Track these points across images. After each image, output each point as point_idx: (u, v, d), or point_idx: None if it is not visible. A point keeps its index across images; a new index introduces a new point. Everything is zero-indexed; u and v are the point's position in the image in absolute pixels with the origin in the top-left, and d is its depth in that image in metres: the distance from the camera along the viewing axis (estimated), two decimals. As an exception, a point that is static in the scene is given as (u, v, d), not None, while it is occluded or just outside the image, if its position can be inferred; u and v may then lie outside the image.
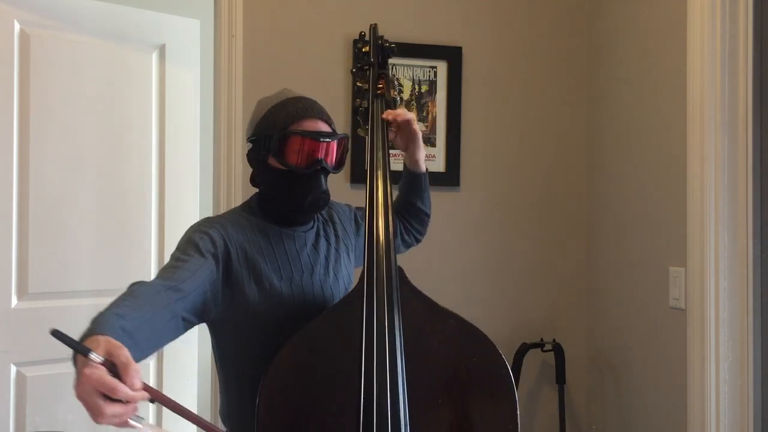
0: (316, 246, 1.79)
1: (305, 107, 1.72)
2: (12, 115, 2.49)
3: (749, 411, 2.31)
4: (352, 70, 1.95)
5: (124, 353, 1.16)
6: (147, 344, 1.40)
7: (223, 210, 2.68)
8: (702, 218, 2.35)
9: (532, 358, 2.89)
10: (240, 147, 2.69)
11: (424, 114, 2.88)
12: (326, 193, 1.73)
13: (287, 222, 1.76)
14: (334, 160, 1.72)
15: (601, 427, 2.93)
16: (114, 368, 1.13)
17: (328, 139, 1.69)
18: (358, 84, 1.93)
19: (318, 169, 1.69)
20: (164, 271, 1.56)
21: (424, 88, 2.88)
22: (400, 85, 2.85)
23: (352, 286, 1.76)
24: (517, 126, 2.99)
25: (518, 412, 1.62)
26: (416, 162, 1.96)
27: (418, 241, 2.09)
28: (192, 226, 1.70)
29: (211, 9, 2.74)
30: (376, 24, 1.98)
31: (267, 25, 2.75)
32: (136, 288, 1.51)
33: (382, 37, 1.96)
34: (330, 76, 2.80)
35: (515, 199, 2.98)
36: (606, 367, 2.91)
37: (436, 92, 2.89)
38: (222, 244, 1.64)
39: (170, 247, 2.79)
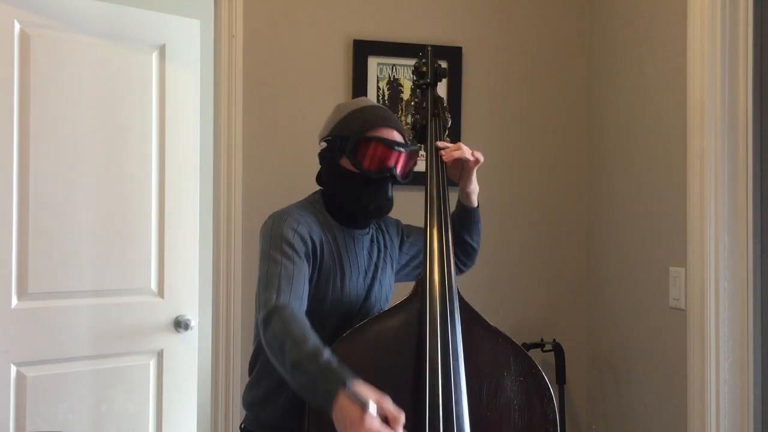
0: (371, 251, 1.86)
1: (384, 116, 1.81)
2: (12, 115, 2.49)
3: (749, 411, 2.31)
4: (413, 88, 2.07)
5: (390, 404, 1.39)
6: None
7: (222, 210, 2.68)
8: (702, 218, 2.35)
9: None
10: (240, 147, 2.69)
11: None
12: (391, 201, 1.80)
13: (349, 223, 1.82)
14: (404, 170, 1.80)
15: (601, 427, 2.93)
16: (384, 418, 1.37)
17: (402, 149, 1.78)
18: (416, 101, 2.02)
19: (388, 176, 1.76)
20: (281, 280, 1.61)
21: (424, 88, 2.87)
22: (400, 85, 2.84)
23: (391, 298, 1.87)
24: (516, 126, 2.99)
25: (558, 423, 1.71)
26: (467, 195, 1.96)
27: (462, 271, 2.07)
28: (278, 217, 1.72)
29: (211, 9, 2.74)
30: (431, 47, 2.09)
31: (267, 25, 2.74)
32: (296, 316, 1.57)
33: (436, 59, 2.06)
34: (330, 76, 2.80)
35: (515, 199, 2.98)
36: (606, 367, 2.91)
37: (436, 92, 2.89)
38: (310, 243, 1.71)
39: (170, 248, 2.81)
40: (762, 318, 2.33)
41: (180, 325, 2.78)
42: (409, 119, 2.04)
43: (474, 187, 1.94)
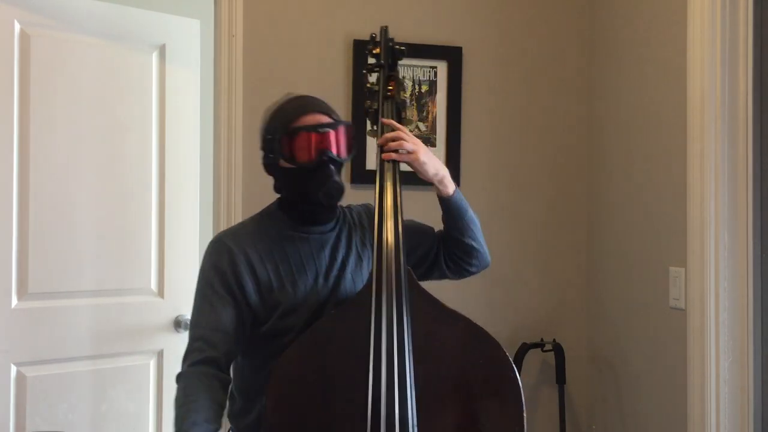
0: (335, 249, 1.81)
1: (302, 104, 1.76)
2: (12, 115, 2.49)
3: (749, 411, 2.31)
4: (363, 72, 1.96)
5: None
6: (218, 418, 1.61)
7: (222, 210, 2.68)
8: (702, 218, 2.35)
9: (532, 358, 2.89)
10: (240, 146, 2.69)
11: (424, 114, 2.88)
12: (338, 184, 1.75)
13: (309, 221, 1.79)
14: (340, 149, 1.74)
15: (601, 427, 2.93)
16: None
17: (327, 129, 1.72)
18: (368, 85, 1.93)
19: (325, 160, 1.71)
20: (197, 330, 1.71)
21: (424, 88, 2.87)
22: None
23: None
24: (517, 126, 2.99)
25: (525, 415, 1.63)
26: (435, 186, 1.83)
27: (469, 272, 1.95)
28: (209, 250, 1.78)
29: (211, 9, 2.74)
30: (386, 26, 1.97)
31: (267, 25, 2.74)
32: (187, 386, 1.66)
33: (392, 39, 1.96)
34: (330, 76, 2.80)
35: (515, 199, 2.98)
36: (606, 367, 2.91)
37: (436, 92, 2.89)
38: (232, 271, 1.72)
39: (170, 248, 2.81)
40: (762, 318, 2.33)
41: (180, 325, 2.78)
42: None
43: (432, 175, 1.79)
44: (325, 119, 1.74)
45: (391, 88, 1.90)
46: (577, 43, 3.04)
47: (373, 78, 1.93)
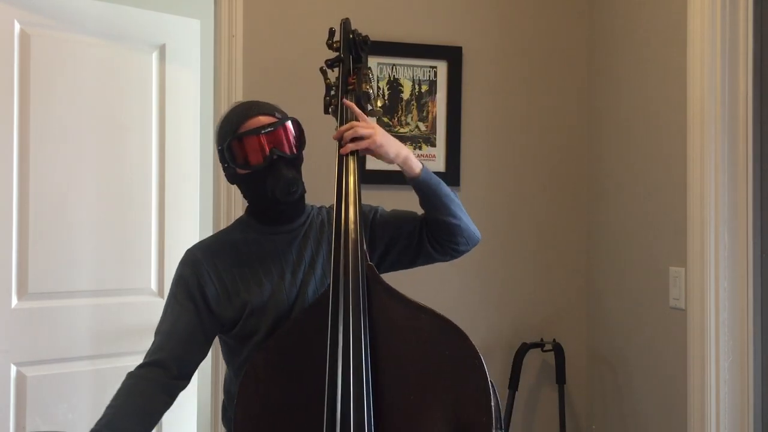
0: (302, 247, 1.81)
1: (244, 109, 1.78)
2: (12, 115, 2.49)
3: (749, 411, 2.31)
4: (321, 68, 1.92)
5: None
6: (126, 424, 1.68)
7: (222, 210, 2.68)
8: (702, 218, 2.35)
9: (532, 358, 2.89)
10: (240, 147, 2.68)
11: (424, 114, 2.88)
12: (294, 179, 1.74)
13: (276, 221, 1.81)
14: (289, 145, 1.76)
15: (601, 427, 2.93)
16: None
17: (270, 128, 1.73)
18: (327, 81, 1.91)
19: (276, 159, 1.72)
20: (157, 337, 1.76)
21: (424, 88, 2.87)
22: (401, 85, 2.84)
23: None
24: (517, 125, 2.98)
25: (493, 402, 1.57)
26: (401, 168, 1.78)
27: (459, 251, 1.85)
28: (180, 262, 1.83)
29: (211, 9, 2.74)
30: (347, 18, 1.95)
31: (267, 25, 2.74)
32: (120, 388, 1.74)
33: (354, 30, 1.92)
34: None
35: (515, 199, 2.98)
36: (606, 367, 2.91)
37: (436, 92, 2.89)
38: (194, 281, 1.76)
39: (170, 248, 2.81)
40: (762, 318, 2.32)
41: (180, 325, 2.78)
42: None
43: (394, 156, 1.74)
44: (269, 119, 1.75)
45: (352, 81, 1.86)
46: (577, 43, 3.04)
47: (336, 73, 1.90)
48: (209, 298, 1.76)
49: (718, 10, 2.32)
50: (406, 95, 2.85)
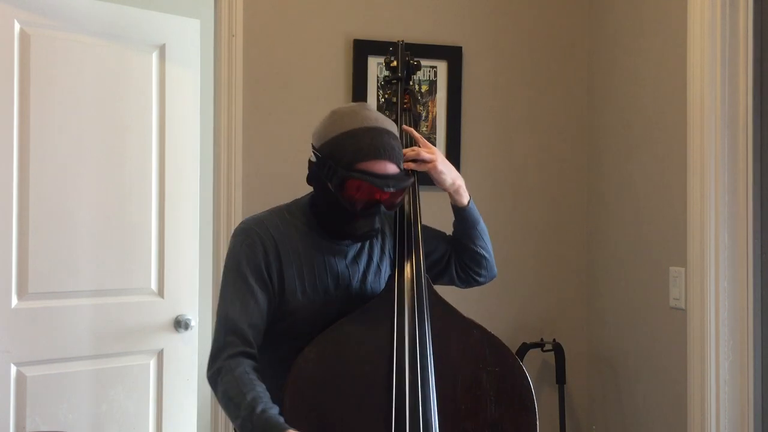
0: (357, 259, 1.80)
1: (376, 147, 1.63)
2: (12, 115, 2.49)
3: (749, 411, 2.31)
4: (380, 83, 2.01)
5: None
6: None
7: (222, 210, 2.68)
8: (702, 218, 2.35)
9: (532, 358, 2.89)
10: (240, 146, 2.68)
11: (425, 114, 2.88)
12: (376, 231, 1.72)
13: (337, 238, 1.76)
14: (392, 203, 1.70)
15: (601, 427, 2.93)
16: None
17: (392, 189, 1.65)
18: (386, 96, 1.97)
19: (374, 210, 1.67)
20: (226, 322, 1.67)
21: (424, 88, 2.87)
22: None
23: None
24: (516, 125, 2.98)
25: (538, 422, 1.67)
26: (451, 195, 1.85)
27: (477, 282, 1.95)
28: (239, 237, 1.73)
29: (211, 9, 2.74)
30: (403, 41, 2.04)
31: (267, 25, 2.74)
32: (235, 376, 1.61)
33: (408, 53, 2.01)
34: (330, 76, 2.80)
35: (515, 199, 2.98)
36: (606, 367, 2.91)
37: (436, 92, 2.89)
38: (264, 269, 1.69)
39: (170, 248, 2.80)
40: (762, 318, 2.33)
41: (180, 324, 2.78)
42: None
43: (449, 185, 1.82)
44: (393, 168, 1.65)
45: (407, 101, 1.95)
46: (577, 43, 3.04)
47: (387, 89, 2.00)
48: (274, 285, 1.70)
49: (718, 10, 2.32)
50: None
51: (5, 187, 2.48)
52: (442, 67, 2.89)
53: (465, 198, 1.86)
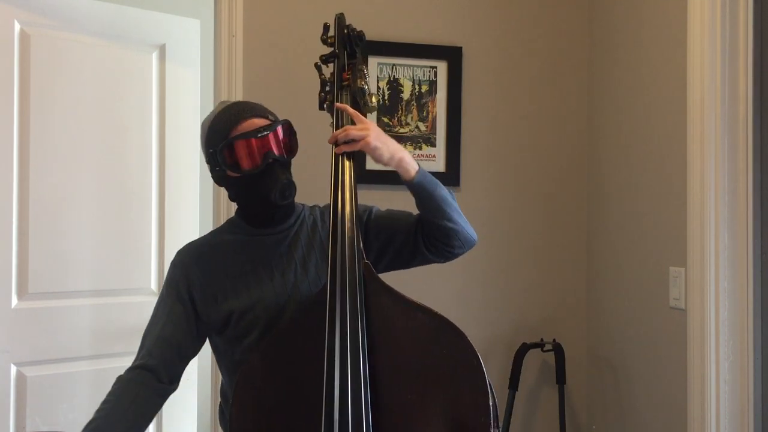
0: (292, 248, 1.80)
1: (237, 111, 1.76)
2: (12, 115, 2.49)
3: (749, 411, 2.31)
4: (315, 64, 1.91)
5: None
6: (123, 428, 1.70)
7: (222, 210, 2.68)
8: (702, 218, 2.35)
9: (532, 358, 2.89)
10: (240, 147, 2.68)
11: (424, 114, 2.88)
12: (288, 182, 1.74)
13: (267, 223, 1.80)
14: (281, 148, 1.74)
15: (601, 427, 2.93)
16: None
17: (265, 132, 1.72)
18: (322, 77, 1.88)
19: (270, 163, 1.71)
20: (145, 341, 1.78)
21: (424, 88, 2.87)
22: (400, 85, 2.84)
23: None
24: (517, 125, 2.98)
25: (491, 404, 1.57)
26: (398, 170, 1.74)
27: (454, 254, 1.83)
28: (171, 264, 1.84)
29: (211, 9, 2.74)
30: (342, 14, 1.94)
31: (267, 25, 2.74)
32: (113, 391, 1.75)
33: (349, 26, 1.90)
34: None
35: (515, 199, 2.98)
36: (606, 367, 2.91)
37: (436, 92, 2.89)
38: (184, 284, 1.77)
39: (170, 248, 2.80)
40: (762, 318, 2.33)
41: (180, 325, 2.78)
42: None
43: (388, 159, 1.71)
44: (262, 122, 1.74)
45: (347, 77, 1.84)
46: (577, 43, 3.04)
47: (331, 68, 1.88)
48: (197, 302, 1.76)
49: (718, 10, 2.32)
50: (406, 95, 2.85)
51: (5, 187, 2.48)
52: (442, 67, 2.89)
53: (411, 170, 1.73)
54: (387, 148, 1.70)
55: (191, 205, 2.87)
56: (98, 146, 2.66)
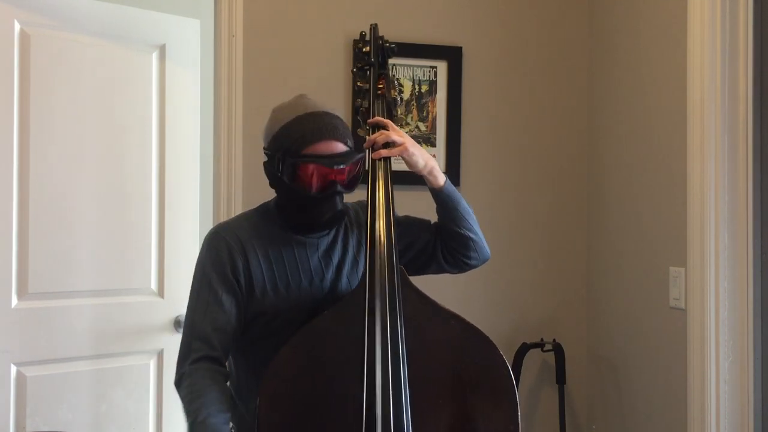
0: (329, 252, 1.78)
1: (319, 128, 1.67)
2: (12, 115, 2.49)
3: (749, 411, 2.31)
4: (352, 70, 1.93)
5: None
6: (229, 407, 1.63)
7: (222, 210, 2.68)
8: (702, 218, 2.35)
9: (532, 358, 2.89)
10: (240, 147, 2.68)
11: (424, 114, 2.88)
12: (341, 212, 1.74)
13: (303, 231, 1.76)
14: (348, 182, 1.70)
15: (601, 427, 2.93)
16: None
17: (342, 165, 1.66)
18: (359, 84, 1.89)
19: (332, 193, 1.68)
20: (192, 328, 1.69)
21: (424, 88, 2.88)
22: (400, 85, 2.85)
23: None
24: (517, 125, 2.99)
25: (519, 412, 1.62)
26: (426, 178, 1.80)
27: (469, 265, 1.90)
28: (208, 243, 1.75)
29: (211, 9, 2.74)
30: (376, 24, 1.96)
31: (267, 25, 2.74)
32: (193, 383, 1.65)
33: (382, 37, 1.93)
34: (330, 76, 2.80)
35: (515, 198, 2.98)
36: (606, 367, 2.91)
37: (436, 92, 2.89)
38: (231, 274, 1.70)
39: (170, 248, 2.80)
40: (762, 318, 2.33)
41: (180, 325, 2.78)
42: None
43: (422, 166, 1.76)
44: (341, 147, 1.68)
45: (381, 86, 1.87)
46: (577, 43, 3.04)
47: (363, 76, 1.90)
48: (244, 290, 1.71)
49: (718, 10, 2.32)
50: (406, 95, 2.85)
51: (5, 187, 2.48)
52: (442, 67, 2.89)
53: (440, 179, 1.80)
54: (421, 156, 1.76)
55: (191, 205, 2.87)
56: (98, 146, 2.66)
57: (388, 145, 1.73)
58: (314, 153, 1.65)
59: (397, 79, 2.85)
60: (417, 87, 2.87)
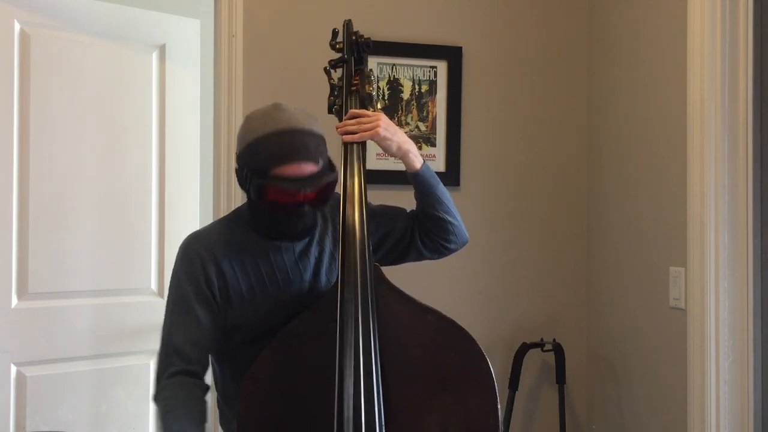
0: (305, 253, 1.76)
1: (289, 150, 1.60)
2: (12, 114, 2.49)
3: (749, 411, 2.31)
4: (325, 68, 1.89)
5: None
6: (202, 423, 1.63)
7: (222, 210, 2.67)
8: (702, 218, 2.35)
9: (532, 358, 2.89)
10: (240, 147, 2.68)
11: (424, 114, 2.88)
12: (313, 222, 1.71)
13: (280, 237, 1.73)
14: (317, 201, 1.66)
15: (601, 427, 2.93)
16: None
17: (309, 189, 1.61)
18: (331, 81, 1.87)
19: (301, 211, 1.65)
20: (168, 342, 1.68)
21: (424, 88, 2.87)
22: (400, 85, 2.84)
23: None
24: (517, 125, 2.98)
25: (499, 405, 1.60)
26: (404, 161, 1.77)
27: (448, 249, 1.86)
28: (181, 255, 1.72)
29: (211, 9, 2.74)
30: (350, 20, 1.93)
31: (267, 25, 2.74)
32: (169, 397, 1.64)
33: (356, 32, 1.91)
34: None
35: (515, 199, 2.98)
36: (606, 367, 2.91)
37: (436, 92, 2.89)
38: (204, 280, 1.68)
39: (170, 247, 2.80)
40: (762, 318, 2.33)
41: (180, 325, 2.78)
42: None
43: (395, 150, 1.74)
44: (310, 168, 1.61)
45: (355, 82, 1.85)
46: (577, 43, 3.04)
47: (338, 73, 1.88)
48: (218, 300, 1.69)
49: (718, 10, 2.32)
50: (406, 95, 2.85)
51: (5, 187, 2.48)
52: (442, 67, 2.89)
53: (417, 162, 1.77)
54: (395, 140, 1.74)
55: (191, 205, 2.87)
56: (98, 146, 2.66)
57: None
58: (281, 175, 1.60)
59: (397, 79, 2.85)
60: (417, 87, 2.87)
